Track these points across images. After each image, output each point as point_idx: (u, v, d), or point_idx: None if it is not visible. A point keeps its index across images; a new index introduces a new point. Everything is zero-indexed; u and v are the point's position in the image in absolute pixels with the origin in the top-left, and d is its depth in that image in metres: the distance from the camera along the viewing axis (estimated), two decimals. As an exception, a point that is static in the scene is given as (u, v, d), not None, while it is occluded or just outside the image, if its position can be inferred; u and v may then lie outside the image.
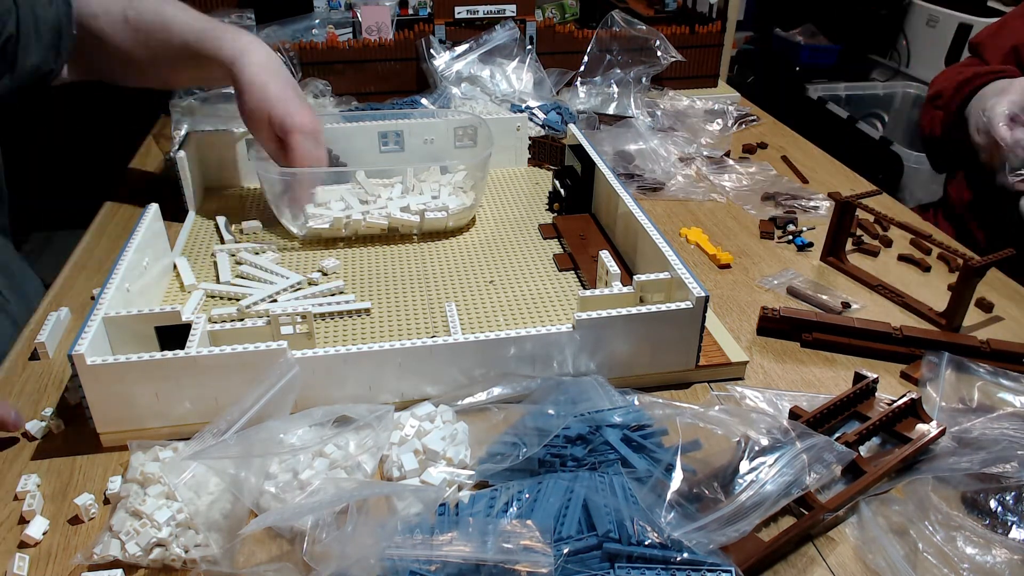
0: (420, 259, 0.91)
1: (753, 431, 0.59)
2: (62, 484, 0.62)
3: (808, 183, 1.16)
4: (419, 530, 0.51)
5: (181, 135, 1.12)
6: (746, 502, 0.53)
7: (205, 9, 1.29)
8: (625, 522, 0.51)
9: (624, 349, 0.70)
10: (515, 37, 1.33)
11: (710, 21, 1.49)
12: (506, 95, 1.30)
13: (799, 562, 0.56)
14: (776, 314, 0.80)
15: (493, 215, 1.02)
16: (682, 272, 0.71)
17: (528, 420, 0.62)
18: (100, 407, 0.63)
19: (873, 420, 0.64)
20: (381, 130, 1.05)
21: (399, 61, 1.35)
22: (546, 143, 1.15)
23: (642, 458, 0.59)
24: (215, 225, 0.98)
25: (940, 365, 0.72)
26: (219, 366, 0.62)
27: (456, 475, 0.59)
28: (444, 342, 0.66)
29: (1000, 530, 0.57)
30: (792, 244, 0.99)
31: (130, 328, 0.68)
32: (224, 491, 0.57)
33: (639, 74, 1.36)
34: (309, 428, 0.62)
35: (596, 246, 0.91)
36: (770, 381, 0.75)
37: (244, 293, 0.83)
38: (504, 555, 0.48)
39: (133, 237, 0.78)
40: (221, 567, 0.53)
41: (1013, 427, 0.64)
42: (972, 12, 2.16)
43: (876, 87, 2.37)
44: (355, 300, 0.83)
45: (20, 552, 0.55)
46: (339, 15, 1.36)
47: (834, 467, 0.59)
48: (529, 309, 0.82)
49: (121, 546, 0.53)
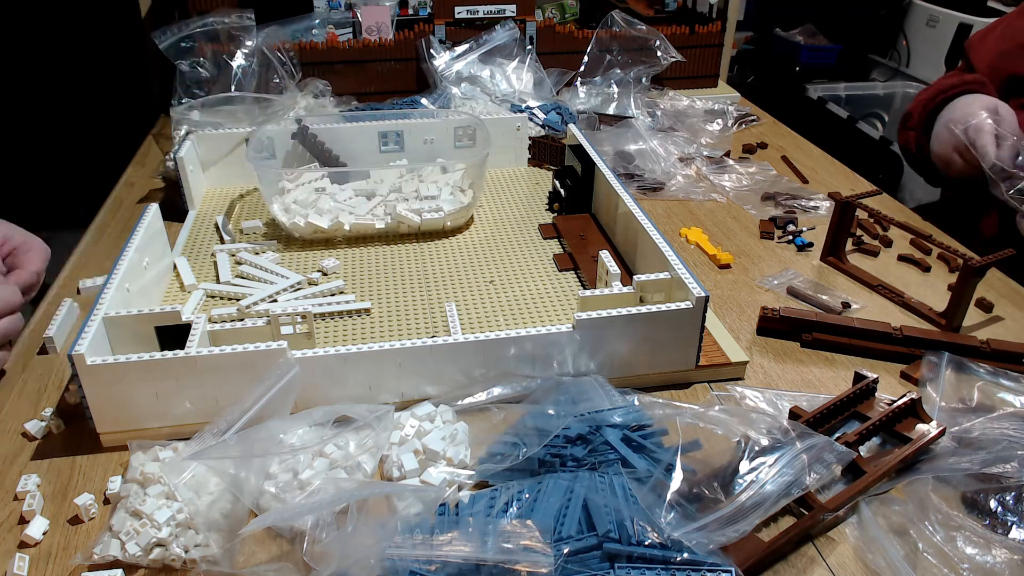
0: (420, 259, 0.91)
1: (753, 431, 0.59)
2: (62, 484, 0.62)
3: (808, 183, 1.16)
4: (419, 530, 0.51)
5: (181, 135, 1.12)
6: (746, 502, 0.53)
7: (205, 9, 1.29)
8: (625, 522, 0.51)
9: (624, 349, 0.70)
10: (515, 37, 1.33)
11: (710, 21, 1.49)
12: (506, 95, 1.30)
13: (799, 562, 0.56)
14: (776, 314, 0.80)
15: (493, 215, 1.02)
16: (682, 272, 0.71)
17: (528, 420, 0.62)
18: (100, 407, 0.63)
19: (873, 420, 0.64)
20: (381, 130, 1.05)
21: (399, 61, 1.35)
22: (546, 143, 1.15)
23: (642, 458, 0.59)
24: (215, 225, 0.98)
25: (940, 365, 0.72)
26: (219, 366, 0.62)
27: (456, 475, 0.59)
28: (444, 342, 0.66)
29: (1000, 530, 0.57)
30: (792, 244, 0.99)
31: (130, 328, 0.68)
32: (224, 491, 0.57)
33: (639, 74, 1.36)
34: (309, 428, 0.62)
35: (596, 246, 0.91)
36: (770, 381, 0.75)
37: (244, 293, 0.83)
38: (504, 555, 0.48)
39: (133, 237, 0.78)
40: (221, 567, 0.53)
41: (1013, 427, 0.64)
42: (972, 12, 2.16)
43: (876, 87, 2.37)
44: (355, 300, 0.83)
45: (20, 552, 0.55)
46: (339, 15, 1.36)
47: (834, 467, 0.59)
48: (529, 309, 0.82)
49: (121, 546, 0.53)
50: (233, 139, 1.05)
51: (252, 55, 1.22)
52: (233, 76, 1.21)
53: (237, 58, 1.21)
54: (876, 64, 2.52)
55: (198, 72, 1.22)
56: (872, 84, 2.39)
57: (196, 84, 1.22)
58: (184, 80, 1.22)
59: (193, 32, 1.23)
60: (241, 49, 1.22)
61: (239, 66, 1.21)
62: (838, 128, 2.17)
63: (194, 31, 1.23)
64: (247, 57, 1.22)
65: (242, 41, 1.23)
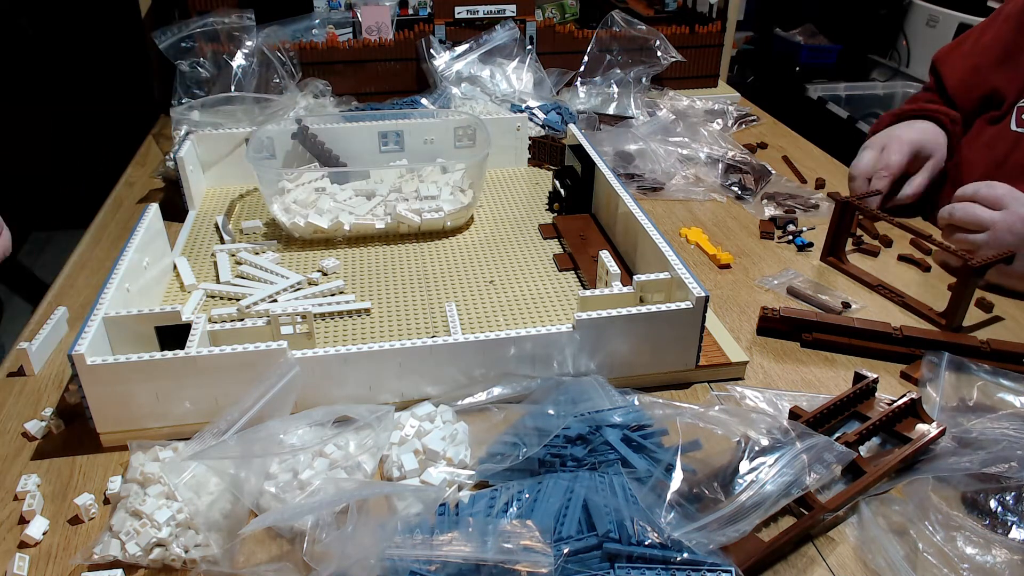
0: (420, 259, 0.91)
1: (753, 431, 0.59)
2: (62, 484, 0.62)
3: (807, 183, 1.16)
4: (419, 530, 0.51)
5: (181, 135, 1.12)
6: (746, 502, 0.53)
7: (205, 9, 1.29)
8: (625, 522, 0.51)
9: (624, 349, 0.70)
10: (515, 37, 1.33)
11: (710, 21, 1.49)
12: (506, 95, 1.30)
13: (799, 562, 0.56)
14: (776, 314, 0.80)
15: (493, 215, 1.02)
16: (682, 272, 0.71)
17: (528, 420, 0.62)
18: (100, 407, 0.63)
19: (873, 420, 0.64)
20: (381, 130, 1.05)
21: (399, 61, 1.35)
22: (546, 143, 1.15)
23: (642, 458, 0.59)
24: (215, 225, 0.98)
25: (940, 365, 0.71)
26: (219, 366, 0.62)
27: (456, 475, 0.59)
28: (444, 342, 0.66)
29: (1000, 530, 0.57)
30: (792, 244, 0.99)
31: (130, 328, 0.68)
32: (224, 491, 0.57)
33: (639, 74, 1.36)
34: (309, 428, 0.62)
35: (596, 246, 0.91)
36: (770, 381, 0.75)
37: (244, 293, 0.83)
38: (504, 555, 0.48)
39: (133, 237, 0.78)
40: (221, 567, 0.53)
41: (1013, 427, 0.64)
42: (972, 12, 2.16)
43: (876, 87, 2.37)
44: (355, 300, 0.83)
45: (20, 552, 0.55)
46: (339, 15, 1.36)
47: (834, 467, 0.59)
48: (529, 309, 0.82)
49: (121, 546, 0.53)
50: (233, 139, 1.05)
51: (252, 55, 1.22)
52: (233, 76, 1.21)
53: (237, 58, 1.22)
54: (876, 64, 2.52)
55: (198, 72, 1.22)
56: (872, 84, 2.39)
57: (196, 84, 1.22)
58: (184, 80, 1.22)
59: (193, 32, 1.23)
60: (241, 49, 1.22)
61: (239, 66, 1.21)
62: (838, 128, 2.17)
63: (194, 31, 1.23)
64: (247, 57, 1.22)
65: (242, 41, 1.23)
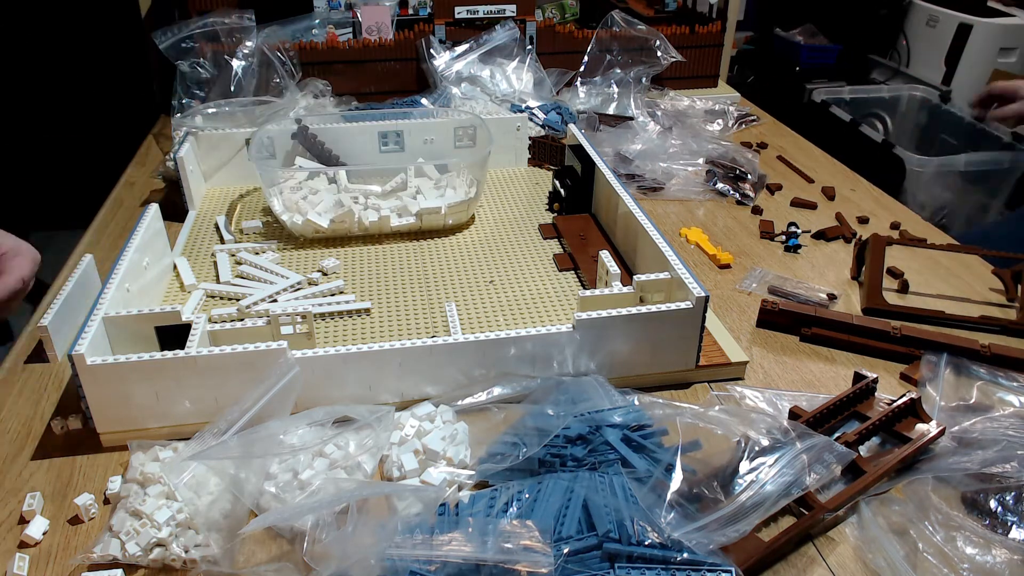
0: (420, 259, 0.91)
1: (753, 431, 0.59)
2: (62, 484, 0.62)
3: (813, 182, 1.16)
4: (419, 530, 0.51)
5: (181, 135, 1.12)
6: (746, 502, 0.53)
7: (205, 9, 1.29)
8: (625, 522, 0.51)
9: (624, 349, 0.70)
10: (515, 37, 1.33)
11: (710, 21, 1.49)
12: (506, 95, 1.30)
13: (799, 562, 0.56)
14: (776, 307, 0.81)
15: (493, 215, 1.02)
16: (682, 272, 0.71)
17: (528, 420, 0.62)
18: (100, 407, 0.63)
19: (873, 420, 0.64)
20: (381, 130, 1.05)
21: (399, 61, 1.35)
22: (546, 143, 1.15)
23: (642, 458, 0.59)
24: (215, 225, 0.98)
25: (939, 365, 0.72)
26: (219, 366, 0.62)
27: (456, 475, 0.59)
28: (444, 342, 0.66)
29: (1000, 530, 0.57)
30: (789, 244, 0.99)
31: (130, 328, 0.68)
32: (224, 491, 0.57)
33: (639, 74, 1.36)
34: (309, 428, 0.62)
35: (596, 246, 0.91)
36: (770, 381, 0.75)
37: (244, 293, 0.83)
38: (504, 555, 0.48)
39: (133, 237, 0.78)
40: (221, 567, 0.53)
41: (1013, 427, 0.64)
42: (972, 12, 2.16)
43: (881, 90, 2.37)
44: (355, 300, 0.83)
45: (20, 552, 0.55)
46: (339, 15, 1.36)
47: (834, 467, 0.59)
48: (529, 309, 0.82)
49: (121, 546, 0.53)
50: (233, 139, 1.05)
51: (252, 55, 1.22)
52: (233, 76, 1.21)
53: (237, 58, 1.22)
54: (876, 64, 2.52)
55: (198, 72, 1.22)
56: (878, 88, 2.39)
57: (196, 84, 1.22)
58: (184, 80, 1.22)
59: (193, 32, 1.23)
60: (241, 49, 1.22)
61: (239, 66, 1.21)
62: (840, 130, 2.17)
63: (194, 31, 1.23)
64: (247, 57, 1.22)
65: (242, 41, 1.23)
